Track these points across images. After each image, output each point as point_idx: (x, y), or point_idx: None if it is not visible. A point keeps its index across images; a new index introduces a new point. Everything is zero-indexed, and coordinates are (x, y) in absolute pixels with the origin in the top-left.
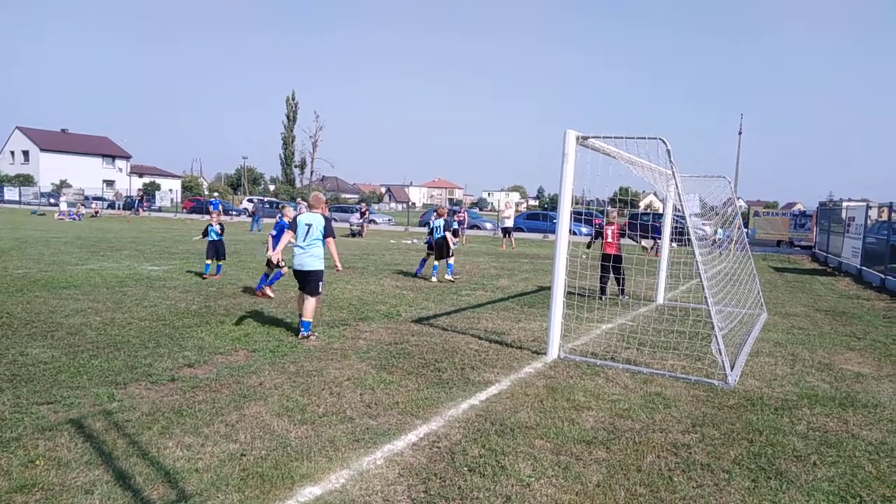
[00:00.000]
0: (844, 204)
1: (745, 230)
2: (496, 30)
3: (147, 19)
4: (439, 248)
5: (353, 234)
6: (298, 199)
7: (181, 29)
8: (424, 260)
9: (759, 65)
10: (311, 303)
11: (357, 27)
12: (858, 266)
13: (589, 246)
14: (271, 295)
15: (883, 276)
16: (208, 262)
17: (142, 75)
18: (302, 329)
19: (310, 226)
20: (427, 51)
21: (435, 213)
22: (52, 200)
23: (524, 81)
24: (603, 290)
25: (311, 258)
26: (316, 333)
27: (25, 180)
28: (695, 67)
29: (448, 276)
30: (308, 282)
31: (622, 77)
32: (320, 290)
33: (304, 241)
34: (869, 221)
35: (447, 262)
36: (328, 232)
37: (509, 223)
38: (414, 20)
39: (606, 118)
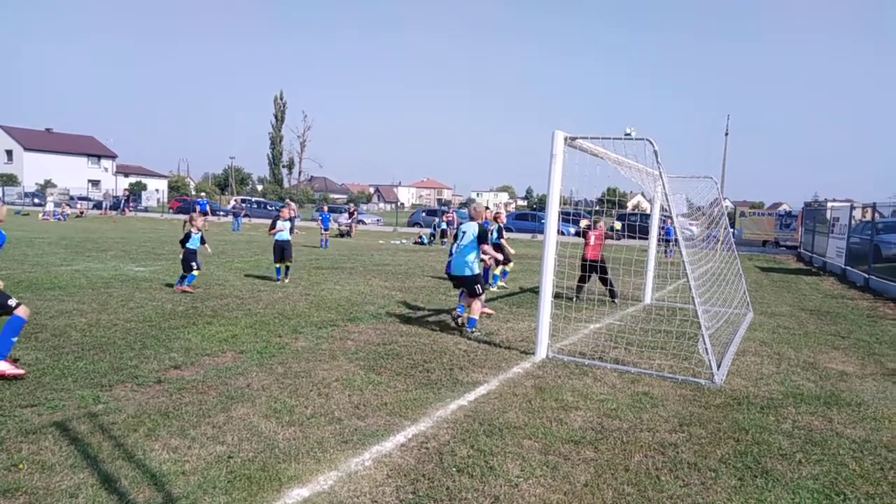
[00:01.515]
0: (829, 204)
1: (732, 230)
2: (485, 31)
3: (134, 18)
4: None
5: (342, 235)
6: (287, 200)
7: (167, 28)
8: (488, 269)
9: (744, 66)
10: (474, 303)
11: (346, 28)
12: (843, 266)
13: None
14: (490, 312)
15: (866, 275)
16: (195, 272)
17: (128, 74)
18: (467, 325)
19: (464, 233)
20: (416, 52)
21: (493, 220)
22: (36, 200)
23: (513, 82)
24: (579, 290)
25: (463, 264)
26: (478, 330)
27: (9, 180)
28: (681, 68)
29: (501, 283)
30: (464, 285)
31: (610, 78)
32: (478, 291)
33: (457, 246)
34: (853, 222)
35: (503, 268)
36: (482, 238)
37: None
38: (403, 21)
39: (594, 119)
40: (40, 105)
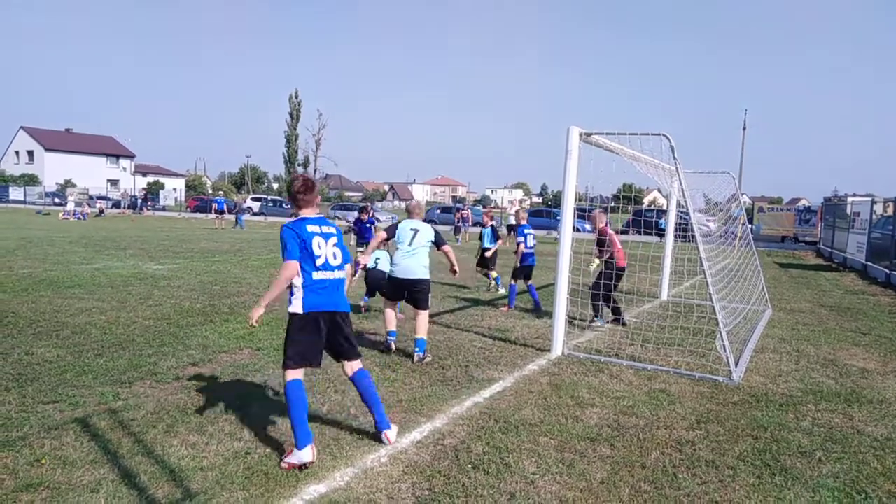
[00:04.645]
0: (849, 199)
1: (750, 226)
2: (500, 28)
3: (151, 18)
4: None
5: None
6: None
7: (184, 27)
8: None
9: (763, 61)
10: (424, 317)
11: (360, 26)
12: (864, 261)
13: (602, 254)
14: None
15: (888, 271)
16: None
17: (146, 74)
18: (416, 349)
19: (416, 231)
20: (431, 49)
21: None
22: (56, 200)
23: (528, 78)
24: (617, 311)
25: (421, 266)
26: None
27: (30, 180)
28: (699, 64)
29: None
30: (421, 291)
31: (626, 73)
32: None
33: (409, 245)
34: (874, 216)
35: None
36: (441, 240)
37: (514, 220)
38: (418, 18)
39: (610, 115)
40: (60, 106)
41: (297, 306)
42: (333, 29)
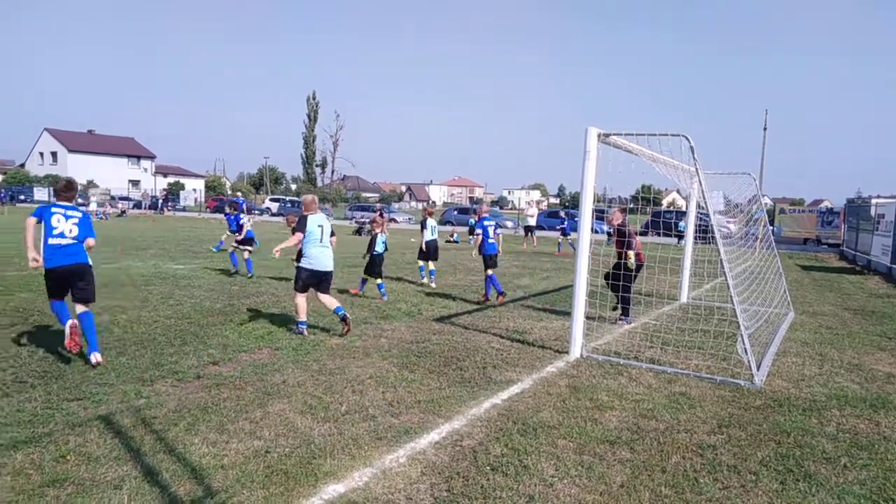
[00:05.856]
0: (874, 201)
1: (771, 228)
2: (517, 31)
3: (172, 20)
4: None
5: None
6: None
7: (205, 29)
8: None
9: (784, 61)
10: (328, 296)
11: (378, 28)
12: (888, 264)
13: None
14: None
15: None
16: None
17: (166, 77)
18: (339, 312)
19: (322, 227)
20: (448, 52)
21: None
22: (79, 200)
23: (545, 79)
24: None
25: (332, 259)
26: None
27: (54, 181)
28: (720, 64)
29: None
30: (330, 280)
31: (646, 73)
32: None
33: (322, 241)
34: None
35: (432, 266)
36: (333, 232)
37: (532, 221)
38: (435, 20)
39: (629, 115)
40: (83, 107)
41: (42, 263)
42: (351, 30)
